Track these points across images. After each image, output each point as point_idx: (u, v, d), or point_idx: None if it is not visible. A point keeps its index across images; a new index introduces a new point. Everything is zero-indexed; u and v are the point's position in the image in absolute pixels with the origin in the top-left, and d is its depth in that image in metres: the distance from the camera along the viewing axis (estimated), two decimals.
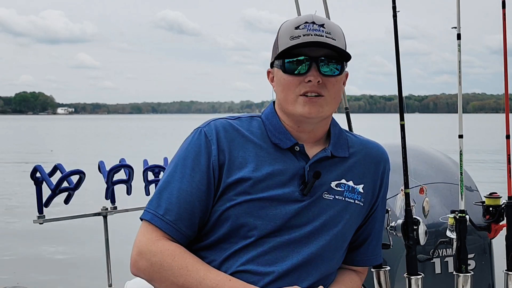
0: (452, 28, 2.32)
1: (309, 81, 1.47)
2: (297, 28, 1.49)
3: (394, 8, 2.27)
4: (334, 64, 1.50)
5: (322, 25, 1.49)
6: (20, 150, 25.27)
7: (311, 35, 1.47)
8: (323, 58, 1.48)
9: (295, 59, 1.48)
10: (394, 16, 2.27)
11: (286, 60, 1.49)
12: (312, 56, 1.47)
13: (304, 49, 1.47)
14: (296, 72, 1.48)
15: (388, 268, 2.16)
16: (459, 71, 2.30)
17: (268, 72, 1.60)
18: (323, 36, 1.47)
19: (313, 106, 1.48)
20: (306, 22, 1.49)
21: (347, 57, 1.52)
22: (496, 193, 2.39)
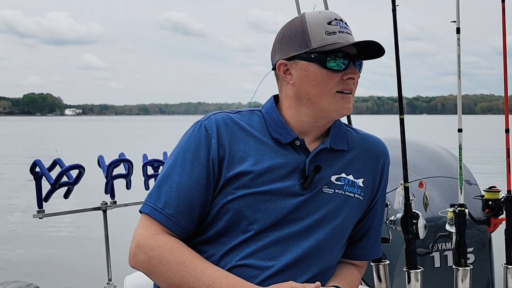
0: (452, 22, 2.32)
1: (349, 78, 1.49)
2: (329, 23, 1.49)
3: (393, 2, 2.27)
4: (360, 62, 1.54)
5: (346, 24, 1.53)
6: (25, 150, 25.28)
7: (344, 32, 1.49)
8: (357, 56, 1.51)
9: (335, 54, 1.48)
10: (394, 10, 2.27)
11: (328, 55, 1.48)
12: (352, 54, 1.50)
13: (340, 45, 1.47)
14: (336, 68, 1.49)
15: (388, 262, 2.16)
16: (459, 65, 2.31)
17: (280, 64, 1.54)
18: (351, 35, 1.51)
19: (347, 104, 1.51)
20: (336, 19, 1.50)
21: (378, 55, 1.54)
22: (495, 187, 2.39)
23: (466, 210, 2.21)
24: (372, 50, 1.52)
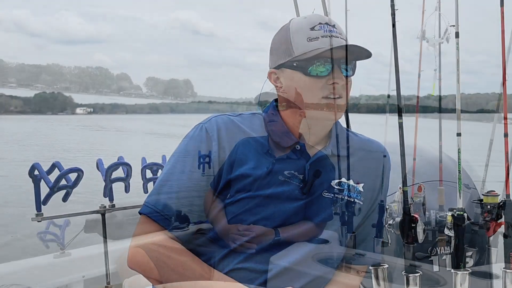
0: (450, 26, 2.32)
1: (334, 83, 1.45)
2: (312, 29, 1.47)
3: (392, 6, 2.27)
4: (350, 65, 1.50)
5: (334, 26, 1.48)
6: (32, 149, 25.23)
7: (329, 36, 1.45)
8: (343, 60, 1.47)
9: (317, 60, 1.45)
10: (393, 14, 2.27)
11: (309, 62, 1.46)
12: (335, 58, 1.46)
13: (320, 51, 1.45)
14: (319, 74, 1.46)
15: (386, 266, 2.16)
16: (458, 69, 2.31)
17: (270, 73, 1.56)
18: (338, 37, 1.46)
19: (336, 109, 1.48)
20: (320, 23, 1.48)
21: (364, 57, 1.51)
22: (494, 191, 2.39)
23: (465, 214, 2.20)
24: (360, 51, 1.48)
